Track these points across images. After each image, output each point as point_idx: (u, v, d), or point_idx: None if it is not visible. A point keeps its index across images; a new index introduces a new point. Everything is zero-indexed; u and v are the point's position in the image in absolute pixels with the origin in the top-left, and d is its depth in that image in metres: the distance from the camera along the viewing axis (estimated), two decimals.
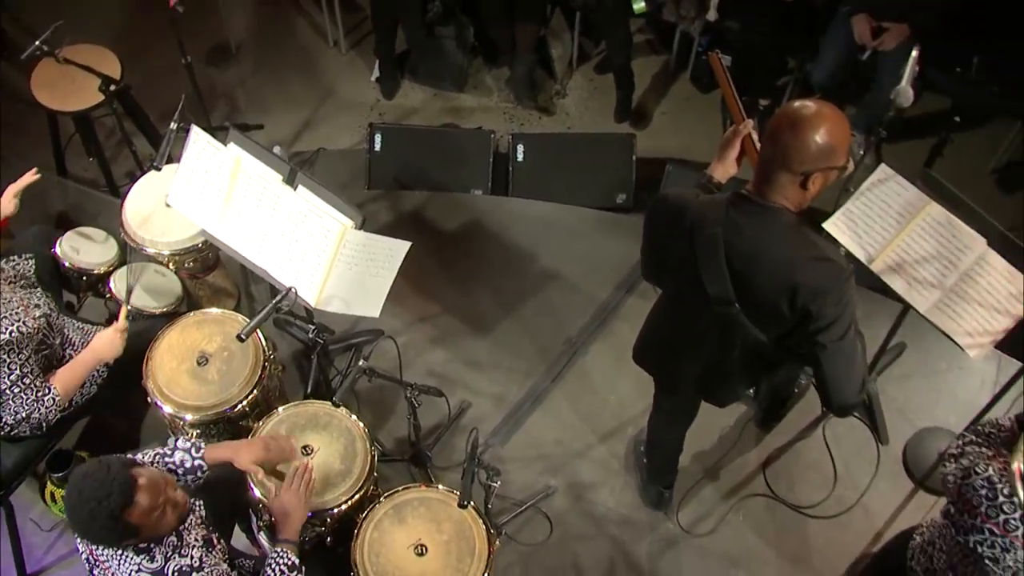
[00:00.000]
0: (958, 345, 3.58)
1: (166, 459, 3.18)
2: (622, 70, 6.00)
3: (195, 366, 3.81)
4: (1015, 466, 2.54)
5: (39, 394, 3.53)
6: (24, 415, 3.51)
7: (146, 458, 3.14)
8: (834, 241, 3.75)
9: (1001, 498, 2.58)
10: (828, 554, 4.26)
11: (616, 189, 5.42)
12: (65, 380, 3.63)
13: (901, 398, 4.72)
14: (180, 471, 3.19)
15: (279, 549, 3.15)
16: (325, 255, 3.49)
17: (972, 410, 4.27)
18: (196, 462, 3.22)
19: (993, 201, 5.66)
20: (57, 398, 3.58)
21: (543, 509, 4.28)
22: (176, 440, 3.24)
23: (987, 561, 2.65)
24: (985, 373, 4.77)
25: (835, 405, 3.00)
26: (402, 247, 3.58)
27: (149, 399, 3.80)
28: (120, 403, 4.21)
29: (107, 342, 3.71)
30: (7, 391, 3.43)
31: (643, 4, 5.40)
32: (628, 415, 4.58)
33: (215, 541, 3.06)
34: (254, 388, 3.78)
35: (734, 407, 4.26)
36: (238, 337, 3.42)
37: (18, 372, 3.43)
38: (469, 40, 6.13)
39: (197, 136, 3.70)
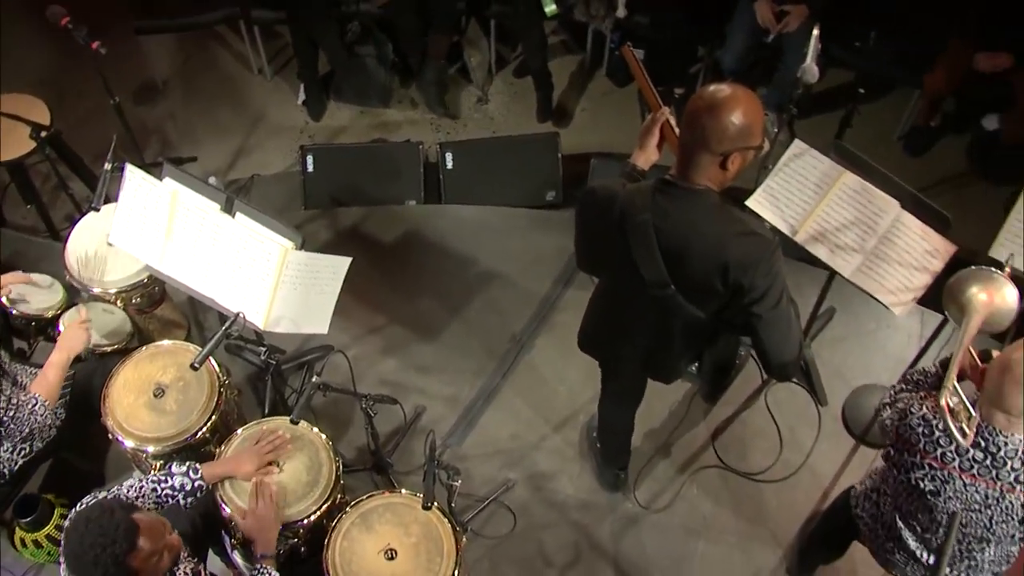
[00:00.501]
0: (883, 304, 3.73)
1: (162, 485, 3.22)
2: (540, 72, 6.11)
3: (152, 398, 3.83)
4: (943, 402, 2.67)
5: (29, 407, 3.58)
6: (27, 431, 3.58)
7: (137, 492, 3.19)
8: (758, 217, 3.88)
9: (937, 433, 2.75)
10: (781, 516, 4.42)
11: (545, 187, 5.54)
12: (43, 385, 3.68)
13: (836, 360, 4.91)
14: (181, 495, 3.24)
15: (259, 566, 3.21)
16: (269, 278, 3.56)
17: (902, 364, 4.45)
18: (197, 483, 3.29)
19: (901, 165, 5.87)
20: (45, 402, 3.64)
21: (505, 502, 4.38)
22: (170, 465, 3.30)
23: (929, 496, 2.82)
24: (911, 328, 4.99)
25: (775, 369, 3.11)
26: (344, 263, 3.66)
27: (110, 435, 3.81)
28: (82, 443, 4.24)
29: (73, 336, 3.78)
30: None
31: (554, 7, 5.50)
32: (578, 403, 4.69)
33: (203, 573, 3.10)
34: (212, 414, 3.81)
35: (679, 384, 4.42)
36: (192, 366, 3.49)
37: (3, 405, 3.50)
38: (389, 56, 6.20)
39: (132, 174, 3.74)
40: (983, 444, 2.71)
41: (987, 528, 2.88)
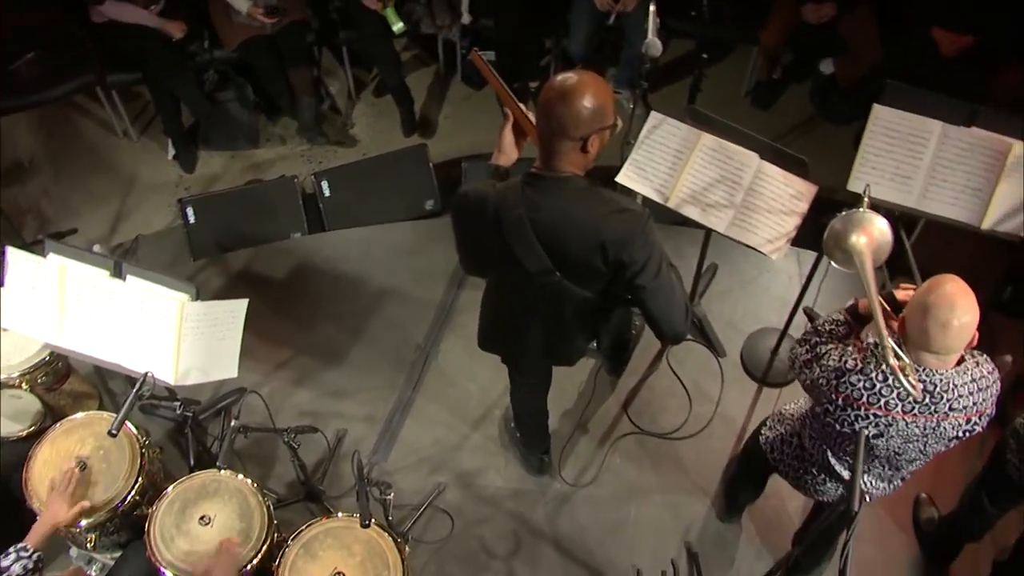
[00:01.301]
0: (760, 252, 3.89)
1: None
2: (398, 88, 6.20)
3: (78, 473, 3.76)
4: (892, 363, 2.73)
5: None
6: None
7: None
8: (629, 191, 4.04)
9: (878, 385, 2.87)
10: (701, 467, 4.62)
11: (422, 197, 5.63)
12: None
13: (726, 311, 5.14)
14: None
15: None
16: (171, 333, 3.58)
17: (787, 304, 4.63)
18: (33, 557, 3.25)
19: (753, 119, 6.15)
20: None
21: (440, 506, 4.47)
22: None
23: (872, 439, 2.96)
24: (789, 269, 5.26)
25: (668, 335, 3.23)
26: (241, 305, 3.69)
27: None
28: (10, 532, 4.19)
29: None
30: None
31: (401, 24, 5.57)
32: (491, 398, 4.83)
33: None
34: (139, 477, 3.79)
35: (583, 362, 4.53)
36: (109, 433, 3.48)
37: None
38: (251, 98, 6.21)
39: (14, 256, 3.70)
40: (922, 387, 2.83)
41: (921, 452, 3.05)
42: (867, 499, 3.33)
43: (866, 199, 3.32)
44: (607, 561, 4.36)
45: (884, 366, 2.80)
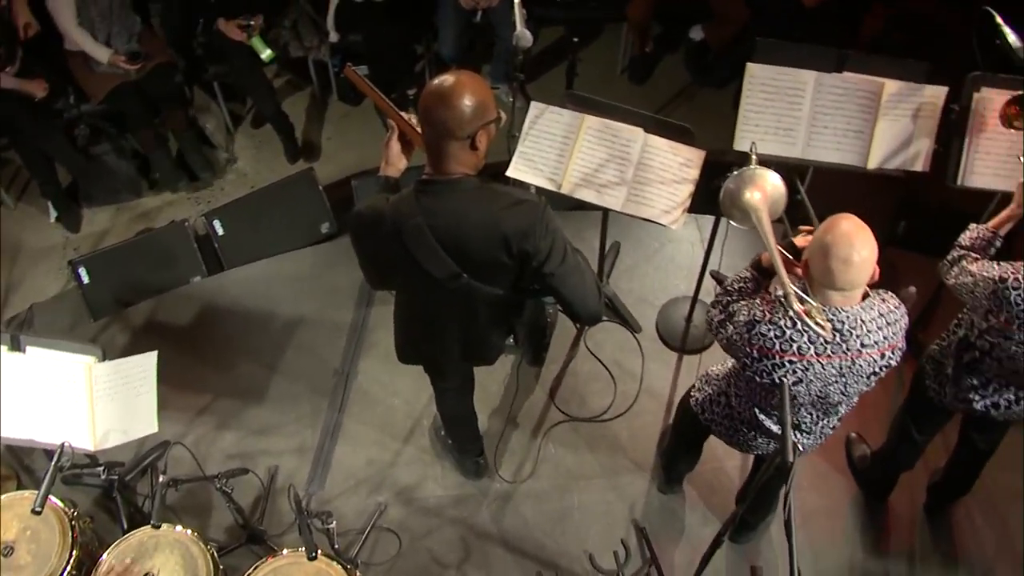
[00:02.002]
0: (659, 224, 3.94)
1: None
2: (276, 116, 6.13)
3: (3, 559, 3.68)
4: (796, 307, 2.79)
5: None
6: None
7: None
8: (522, 184, 4.06)
9: (788, 331, 2.92)
10: (636, 444, 4.67)
11: (317, 222, 5.57)
12: None
13: (635, 287, 5.19)
14: None
15: None
16: (83, 399, 3.51)
17: (694, 271, 4.74)
18: None
19: (633, 94, 6.22)
20: None
21: (384, 526, 4.43)
22: None
23: (793, 387, 3.01)
24: (691, 236, 5.33)
25: (585, 317, 3.28)
26: (150, 359, 3.63)
27: None
28: None
29: None
30: None
31: (269, 51, 5.51)
32: (418, 410, 4.80)
33: None
34: (72, 550, 3.70)
35: (503, 359, 4.50)
36: (33, 511, 3.37)
37: None
38: (128, 147, 6.07)
39: None
40: (831, 326, 2.89)
41: (843, 393, 3.12)
42: (800, 449, 3.39)
43: (754, 156, 3.39)
44: (558, 551, 4.37)
45: (791, 312, 2.86)
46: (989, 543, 4.56)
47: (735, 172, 3.25)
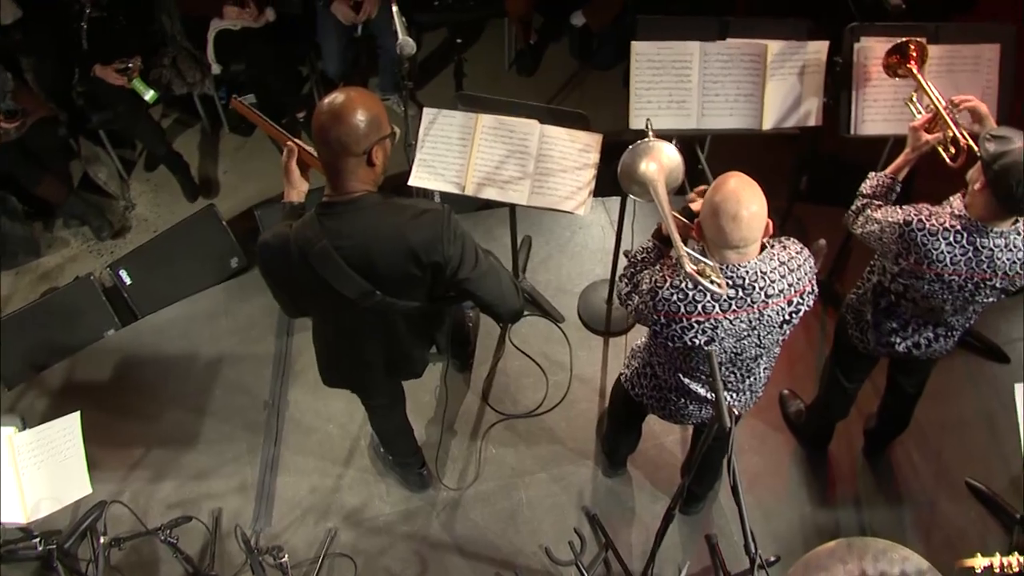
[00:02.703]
0: (567, 212, 3.98)
1: None
2: (168, 157, 6.01)
3: None
4: (689, 269, 2.75)
5: None
6: None
7: None
8: (425, 192, 4.06)
9: (690, 293, 2.94)
10: (575, 433, 4.69)
11: (225, 258, 5.48)
12: None
13: (552, 278, 5.21)
14: None
15: None
16: (9, 472, 3.45)
17: (607, 254, 4.78)
18: None
19: (523, 87, 6.22)
20: None
21: (337, 552, 4.39)
22: None
23: (705, 346, 3.04)
24: (600, 220, 5.37)
25: (507, 316, 3.32)
26: (73, 420, 3.56)
27: None
28: None
29: None
30: None
31: (152, 92, 5.39)
32: (353, 432, 4.76)
33: None
34: None
35: (432, 369, 4.51)
36: None
37: None
38: (18, 207, 5.89)
39: None
40: (731, 283, 2.94)
41: (759, 346, 3.16)
42: (735, 413, 3.43)
43: (651, 132, 3.41)
44: (514, 550, 4.37)
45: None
46: (928, 476, 4.68)
47: (631, 146, 3.26)
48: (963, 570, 3.25)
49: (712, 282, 2.73)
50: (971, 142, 3.46)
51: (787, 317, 3.09)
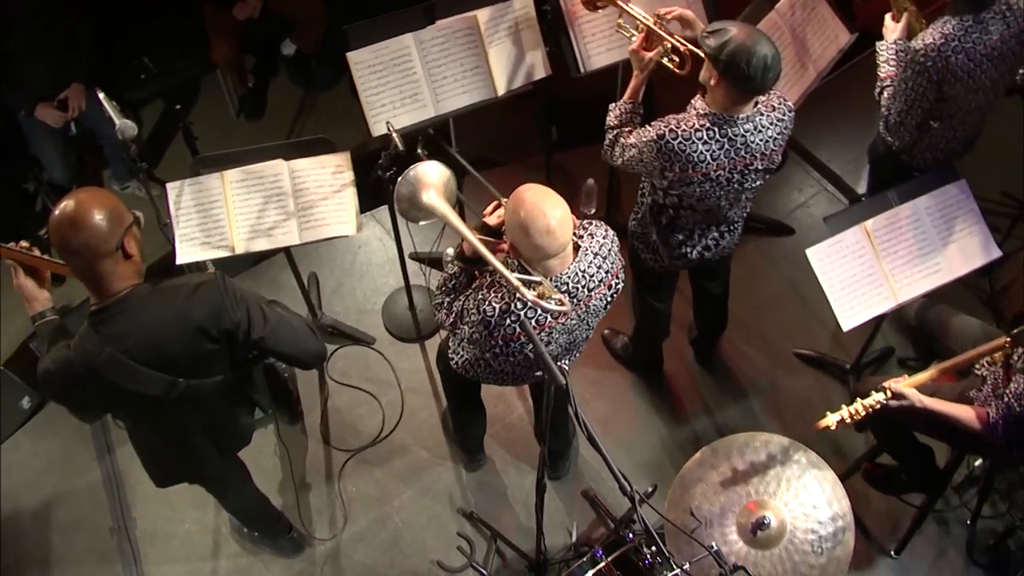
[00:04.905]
0: (341, 236, 4.00)
1: None
2: None
3: None
4: (531, 296, 2.77)
5: None
6: None
7: None
8: (198, 265, 3.95)
9: (522, 313, 2.98)
10: (424, 442, 4.71)
11: (15, 402, 5.11)
12: None
13: (350, 304, 5.20)
14: None
15: None
16: None
17: (393, 262, 4.80)
18: None
19: (259, 131, 6.07)
20: None
21: None
22: None
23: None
24: (375, 233, 5.41)
25: (310, 361, 3.31)
26: None
27: None
28: None
29: None
30: None
31: None
32: (211, 522, 4.59)
33: None
34: None
35: (263, 433, 4.38)
36: None
37: None
38: None
39: None
40: (563, 289, 2.98)
41: (589, 328, 3.28)
42: (566, 367, 3.49)
43: (394, 135, 3.41)
44: (409, 575, 4.35)
45: (527, 300, 2.88)
46: (761, 360, 4.92)
47: (400, 178, 3.22)
48: (820, 433, 3.42)
49: (552, 300, 2.77)
50: (691, 47, 3.61)
51: (609, 299, 3.20)
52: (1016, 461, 4.07)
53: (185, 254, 3.94)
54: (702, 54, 3.39)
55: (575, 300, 3.04)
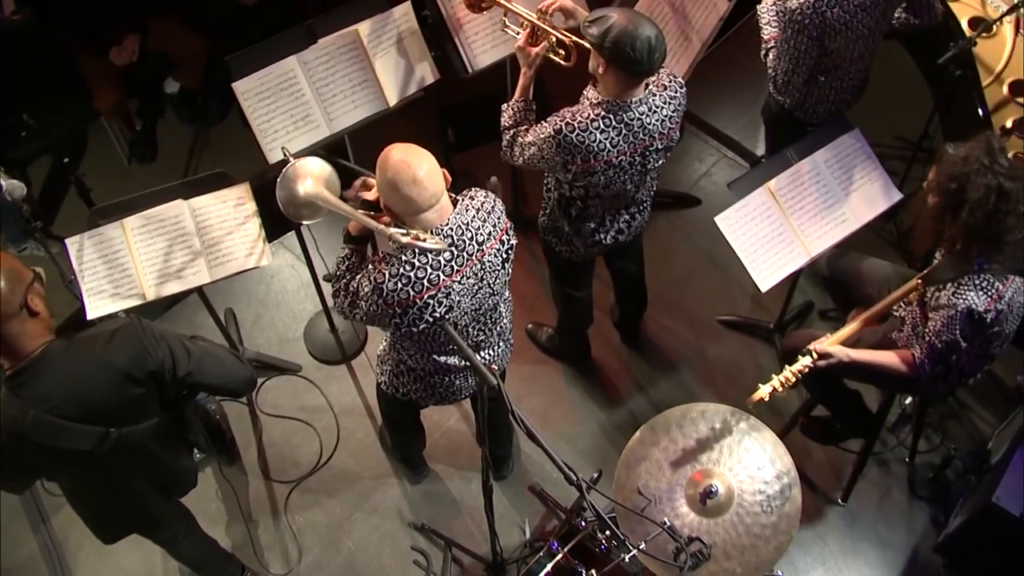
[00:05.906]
0: (252, 268, 3.97)
1: None
2: None
3: None
4: (406, 240, 2.81)
5: None
6: None
7: None
8: (107, 316, 3.86)
9: (412, 273, 2.94)
10: (366, 463, 4.68)
11: None
12: None
13: (271, 334, 5.15)
14: None
15: None
16: None
17: (308, 286, 4.86)
18: None
19: (154, 174, 5.88)
20: None
21: None
22: None
23: (447, 315, 3.05)
24: (286, 260, 5.39)
25: (241, 390, 3.30)
26: None
27: None
28: None
29: None
30: None
31: None
32: (161, 573, 4.46)
33: None
34: None
35: (205, 475, 4.32)
36: None
37: None
38: None
39: None
40: (448, 243, 2.96)
41: (493, 293, 3.21)
42: (496, 368, 3.48)
43: (292, 159, 3.37)
44: None
45: (404, 254, 2.93)
46: (686, 332, 5.00)
47: (278, 179, 3.20)
48: (756, 406, 3.46)
49: (428, 241, 2.81)
50: (574, 38, 3.63)
51: (505, 255, 3.18)
52: (944, 393, 4.17)
53: (95, 308, 3.84)
54: (587, 44, 3.42)
55: (464, 254, 3.01)
